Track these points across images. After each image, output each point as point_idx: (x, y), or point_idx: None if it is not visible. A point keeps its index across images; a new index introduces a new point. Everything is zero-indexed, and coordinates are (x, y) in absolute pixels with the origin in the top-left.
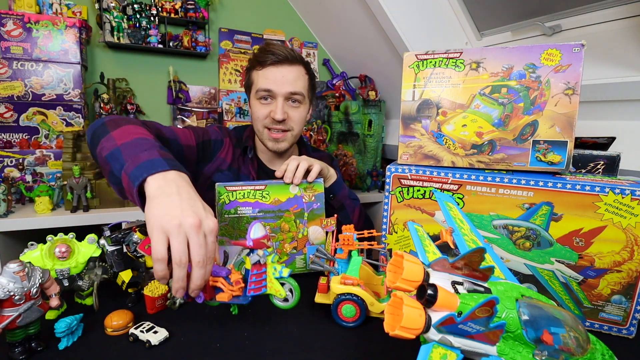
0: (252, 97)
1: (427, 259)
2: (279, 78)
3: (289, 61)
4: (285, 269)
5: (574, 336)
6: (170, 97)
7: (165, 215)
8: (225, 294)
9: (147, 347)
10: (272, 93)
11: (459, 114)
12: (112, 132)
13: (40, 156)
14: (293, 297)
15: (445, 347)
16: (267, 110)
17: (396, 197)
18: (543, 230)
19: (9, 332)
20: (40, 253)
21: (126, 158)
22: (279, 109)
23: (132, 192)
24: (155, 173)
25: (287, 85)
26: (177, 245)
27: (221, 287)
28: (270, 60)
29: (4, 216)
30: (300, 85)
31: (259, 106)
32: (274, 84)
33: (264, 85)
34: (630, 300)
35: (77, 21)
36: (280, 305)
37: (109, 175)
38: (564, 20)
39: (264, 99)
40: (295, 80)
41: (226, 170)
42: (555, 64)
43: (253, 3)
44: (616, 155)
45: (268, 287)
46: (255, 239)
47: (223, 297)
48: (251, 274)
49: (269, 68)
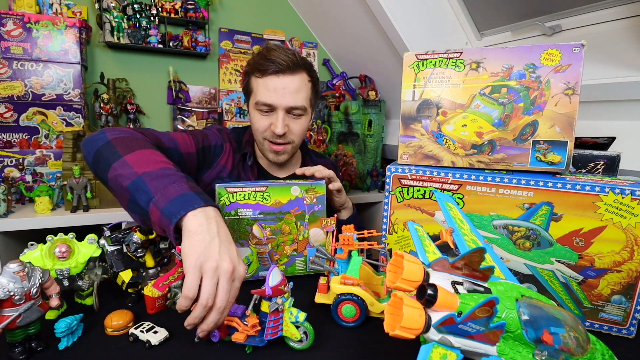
0: (251, 106)
1: (427, 259)
2: (280, 89)
3: (291, 70)
4: (301, 313)
5: (574, 336)
6: (170, 97)
7: (204, 256)
8: (241, 334)
9: (147, 347)
10: (272, 107)
11: (459, 114)
12: (126, 157)
13: (40, 156)
14: (307, 339)
15: (445, 347)
16: (267, 122)
17: (396, 197)
18: (543, 230)
19: (9, 332)
20: (40, 253)
21: (154, 191)
22: (279, 123)
23: (164, 227)
24: (194, 209)
25: (288, 97)
26: (208, 288)
27: (236, 327)
28: (272, 69)
29: (4, 216)
30: (302, 97)
31: (259, 117)
32: (275, 96)
33: (264, 98)
34: (630, 300)
35: (77, 21)
36: (295, 347)
37: (130, 204)
38: (564, 20)
39: (264, 111)
40: (297, 91)
41: (226, 178)
42: (555, 64)
43: (253, 3)
44: (616, 155)
45: (284, 330)
46: (274, 286)
47: (239, 338)
48: (269, 320)
49: (270, 77)
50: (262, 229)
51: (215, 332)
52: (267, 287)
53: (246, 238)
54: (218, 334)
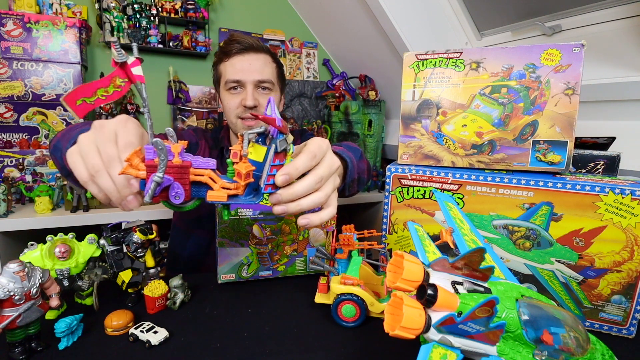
0: (222, 90)
1: (427, 259)
2: (247, 66)
3: (255, 49)
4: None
5: (574, 336)
6: (170, 97)
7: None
8: (218, 192)
9: (147, 347)
10: (241, 82)
11: (459, 114)
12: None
13: (40, 156)
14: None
15: (445, 347)
16: (238, 99)
17: (396, 197)
18: (543, 230)
19: (9, 332)
20: (40, 253)
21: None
22: (249, 96)
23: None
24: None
25: (255, 73)
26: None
27: (210, 183)
28: (236, 49)
29: (4, 216)
30: (268, 72)
31: (230, 97)
32: (241, 72)
33: (232, 75)
34: (630, 300)
35: (77, 21)
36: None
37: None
38: (564, 20)
39: (233, 89)
40: (262, 67)
41: None
42: (555, 64)
43: (253, 3)
44: (616, 155)
45: None
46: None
47: (217, 196)
48: (272, 165)
49: (235, 57)
50: (262, 229)
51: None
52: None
53: (246, 238)
54: (182, 191)
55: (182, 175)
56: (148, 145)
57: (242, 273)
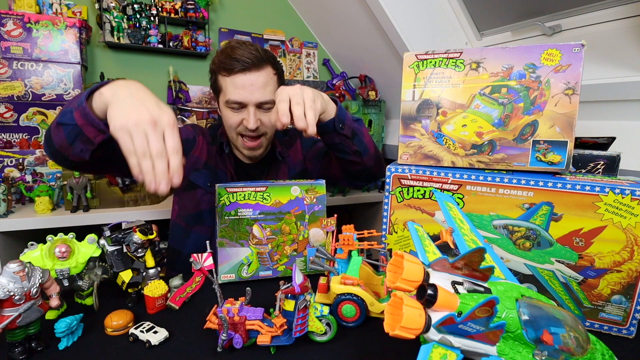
0: (221, 104)
1: (427, 259)
2: (248, 86)
3: (257, 66)
4: (324, 307)
5: (574, 336)
6: (170, 97)
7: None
8: (265, 336)
9: (147, 347)
10: (242, 104)
11: (459, 114)
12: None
13: (40, 156)
14: (331, 330)
15: (445, 347)
16: (239, 118)
17: (396, 197)
18: (543, 230)
19: (9, 332)
20: (40, 253)
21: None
22: (251, 119)
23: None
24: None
25: (257, 93)
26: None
27: (259, 329)
28: (238, 68)
29: (4, 216)
30: (270, 90)
31: (231, 114)
32: (244, 93)
33: (234, 97)
34: (630, 300)
35: (77, 21)
36: (319, 340)
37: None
38: (564, 20)
39: (234, 108)
40: (264, 86)
41: (202, 169)
42: (555, 64)
43: (253, 3)
44: (616, 155)
45: (310, 325)
46: (300, 284)
47: (265, 340)
48: (297, 317)
49: (237, 75)
50: (262, 229)
51: (238, 339)
52: (295, 285)
53: (246, 238)
54: (241, 339)
55: (239, 327)
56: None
57: (242, 273)
